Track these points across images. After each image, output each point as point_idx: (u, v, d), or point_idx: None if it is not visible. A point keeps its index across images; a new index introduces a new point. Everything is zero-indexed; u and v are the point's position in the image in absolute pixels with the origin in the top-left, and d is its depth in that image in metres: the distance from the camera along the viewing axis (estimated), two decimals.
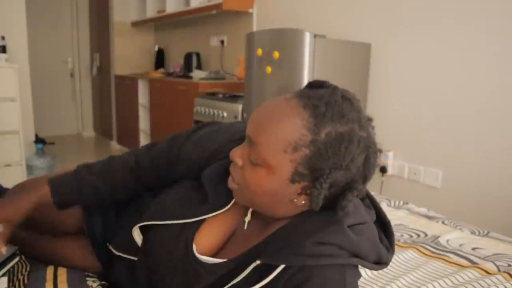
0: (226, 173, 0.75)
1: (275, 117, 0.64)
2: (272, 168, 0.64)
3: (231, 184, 0.71)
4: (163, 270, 0.78)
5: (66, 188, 0.90)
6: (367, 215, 0.75)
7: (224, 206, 0.76)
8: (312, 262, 0.65)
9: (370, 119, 0.68)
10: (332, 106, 0.62)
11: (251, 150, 0.66)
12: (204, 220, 0.77)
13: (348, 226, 0.68)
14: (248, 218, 0.78)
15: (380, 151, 0.68)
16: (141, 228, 0.84)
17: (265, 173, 0.65)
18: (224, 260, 0.74)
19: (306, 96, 0.65)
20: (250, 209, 0.78)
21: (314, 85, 0.70)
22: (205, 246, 0.77)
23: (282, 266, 0.66)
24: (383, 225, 0.80)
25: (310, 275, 0.65)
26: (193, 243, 0.76)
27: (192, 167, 0.85)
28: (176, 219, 0.77)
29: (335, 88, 0.67)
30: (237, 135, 0.83)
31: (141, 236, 0.85)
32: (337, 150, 0.62)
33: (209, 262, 0.74)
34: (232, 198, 0.76)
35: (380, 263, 0.72)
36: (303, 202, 0.68)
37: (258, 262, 0.67)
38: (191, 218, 0.76)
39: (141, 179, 0.91)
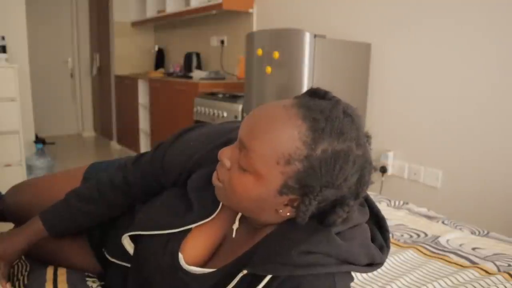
0: (211, 181, 0.73)
1: (272, 125, 0.61)
2: (261, 177, 0.62)
3: (215, 181, 0.69)
4: (153, 280, 0.77)
5: (60, 220, 0.92)
6: (360, 216, 0.72)
7: (210, 215, 0.75)
8: (299, 272, 0.63)
9: (368, 136, 0.65)
10: (332, 121, 0.60)
11: (242, 154, 0.63)
12: (190, 229, 0.76)
13: (337, 233, 0.66)
14: (236, 226, 0.76)
15: (375, 169, 0.65)
16: (131, 236, 0.83)
17: (253, 181, 0.63)
18: (212, 270, 0.72)
19: (306, 106, 0.61)
20: (238, 217, 0.77)
21: (316, 94, 0.67)
22: (193, 256, 0.76)
23: (269, 276, 0.64)
24: (377, 221, 0.78)
25: (298, 284, 0.64)
26: (180, 253, 0.75)
27: (179, 177, 0.84)
28: (162, 229, 0.76)
29: (338, 101, 0.64)
30: (222, 139, 0.81)
31: (132, 245, 0.84)
32: (331, 169, 0.59)
33: (197, 273, 0.73)
34: (218, 206, 0.74)
35: (374, 264, 0.70)
36: (288, 214, 0.66)
37: (245, 272, 0.66)
38: (176, 228, 0.75)
39: (132, 195, 0.91)
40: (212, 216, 0.75)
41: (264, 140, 0.60)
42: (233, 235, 0.77)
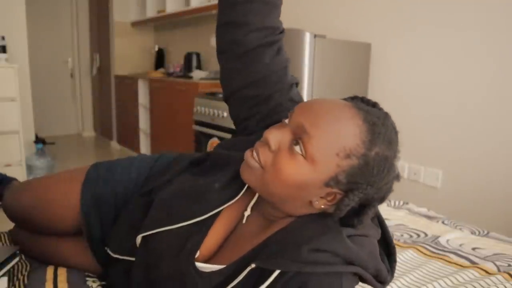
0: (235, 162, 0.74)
1: (337, 119, 0.64)
2: (314, 164, 0.63)
3: (251, 160, 0.68)
4: (160, 274, 0.76)
5: None
6: (372, 230, 0.74)
7: (233, 198, 0.74)
8: (307, 269, 0.63)
9: (399, 152, 0.70)
10: (386, 129, 0.65)
11: (300, 138, 0.64)
12: (210, 225, 0.75)
13: (348, 236, 0.68)
14: (247, 213, 0.76)
15: (398, 180, 0.70)
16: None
17: (304, 166, 0.64)
18: (222, 267, 0.72)
19: (365, 110, 0.66)
20: (251, 203, 0.77)
21: (366, 101, 0.72)
22: (202, 250, 0.75)
23: (277, 271, 0.65)
24: (387, 249, 0.80)
25: (306, 282, 0.64)
26: (198, 251, 0.74)
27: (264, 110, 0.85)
28: (181, 222, 0.75)
29: (387, 114, 0.70)
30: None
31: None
32: (381, 170, 0.64)
33: (207, 271, 0.72)
34: (241, 188, 0.74)
35: (379, 279, 0.71)
36: (322, 206, 0.68)
37: (253, 265, 0.66)
38: (197, 217, 0.74)
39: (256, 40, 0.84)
40: (238, 197, 0.74)
41: (329, 130, 0.63)
42: (244, 221, 0.77)
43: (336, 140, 0.63)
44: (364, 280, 0.70)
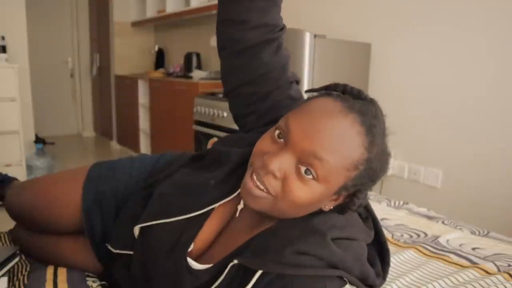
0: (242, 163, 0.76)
1: (341, 136, 0.62)
2: (327, 183, 0.64)
3: (256, 191, 0.65)
4: (156, 268, 0.77)
5: None
6: (362, 234, 0.73)
7: (230, 194, 0.75)
8: (289, 271, 0.64)
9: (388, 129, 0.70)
10: (380, 123, 0.66)
11: (310, 165, 0.62)
12: (208, 215, 0.76)
13: (333, 239, 0.67)
14: (241, 206, 0.77)
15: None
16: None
17: (317, 188, 0.64)
18: (210, 265, 0.72)
19: (358, 111, 0.64)
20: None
21: (349, 91, 0.70)
22: (195, 247, 0.75)
23: (260, 272, 0.65)
24: (381, 252, 0.79)
25: (288, 284, 0.64)
26: (192, 244, 0.75)
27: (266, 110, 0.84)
28: (178, 215, 0.75)
29: (373, 100, 0.69)
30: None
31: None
32: (383, 164, 0.66)
33: (197, 268, 0.73)
34: (237, 185, 0.74)
35: (366, 283, 0.70)
36: (331, 207, 0.69)
37: (235, 261, 0.66)
38: (194, 211, 0.75)
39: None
40: (234, 195, 0.74)
41: (338, 152, 0.62)
42: (237, 214, 0.77)
43: (346, 157, 0.62)
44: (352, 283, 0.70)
